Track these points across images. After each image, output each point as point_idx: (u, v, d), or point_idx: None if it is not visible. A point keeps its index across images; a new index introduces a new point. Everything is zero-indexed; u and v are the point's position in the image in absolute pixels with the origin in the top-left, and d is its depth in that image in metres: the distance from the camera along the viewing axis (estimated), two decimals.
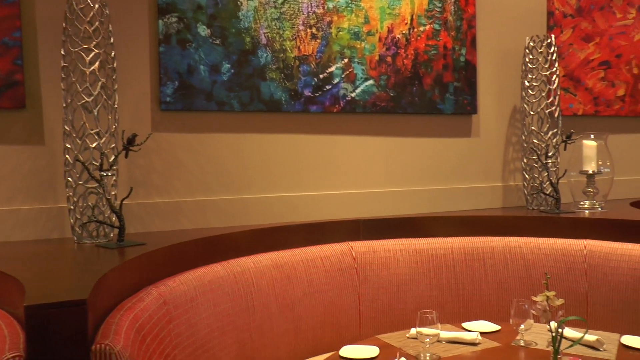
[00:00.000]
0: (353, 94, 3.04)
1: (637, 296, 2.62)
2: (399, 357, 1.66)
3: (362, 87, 3.06)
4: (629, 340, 2.17)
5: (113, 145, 2.42)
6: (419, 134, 3.29)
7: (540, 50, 3.35)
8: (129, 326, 1.62)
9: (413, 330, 2.17)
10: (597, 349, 2.09)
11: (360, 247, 2.84)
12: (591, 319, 2.73)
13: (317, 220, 2.92)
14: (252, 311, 2.41)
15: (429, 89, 3.23)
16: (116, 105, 2.43)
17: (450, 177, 3.40)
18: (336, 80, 3.00)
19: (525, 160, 3.40)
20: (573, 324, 2.31)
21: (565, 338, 2.03)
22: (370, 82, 3.08)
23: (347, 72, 3.02)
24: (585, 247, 2.81)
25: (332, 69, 2.98)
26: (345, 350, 2.07)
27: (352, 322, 2.77)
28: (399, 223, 2.98)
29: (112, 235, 2.45)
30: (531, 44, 3.37)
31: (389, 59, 3.12)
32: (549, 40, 3.35)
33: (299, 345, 2.60)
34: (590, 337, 2.11)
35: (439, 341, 2.13)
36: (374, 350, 2.06)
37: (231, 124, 2.86)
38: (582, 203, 3.30)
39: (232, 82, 2.78)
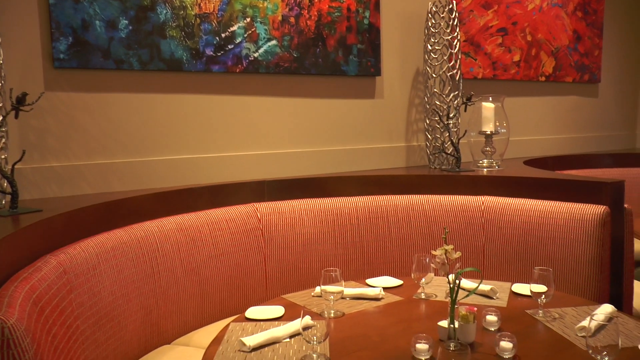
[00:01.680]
0: (256, 54, 2.99)
1: (527, 247, 2.79)
2: (303, 316, 1.67)
3: (264, 47, 3.01)
4: (519, 287, 2.31)
5: (0, 105, 2.25)
6: (323, 95, 3.29)
7: (442, 15, 3.41)
8: (25, 298, 1.54)
9: (318, 289, 2.21)
10: (491, 298, 2.21)
11: (265, 208, 2.84)
12: (487, 270, 2.89)
13: (222, 182, 2.87)
14: (157, 277, 2.36)
15: (332, 50, 3.23)
16: (1, 61, 2.26)
17: (354, 137, 3.43)
18: (238, 40, 2.93)
19: (427, 121, 3.49)
20: (470, 275, 2.43)
21: (463, 289, 2.13)
22: (273, 42, 3.03)
23: (250, 32, 2.95)
24: (482, 203, 2.94)
25: (234, 28, 2.91)
26: (251, 312, 2.07)
27: (258, 283, 2.78)
28: (303, 183, 2.99)
29: (3, 202, 2.30)
30: (434, 8, 3.42)
31: (292, 19, 3.07)
32: (450, 6, 3.41)
33: (205, 309, 2.58)
34: (485, 287, 2.22)
35: (343, 298, 2.17)
36: (279, 310, 2.07)
37: (131, 83, 2.74)
38: (480, 162, 3.44)
39: (130, 40, 2.65)
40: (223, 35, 2.88)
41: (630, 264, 2.73)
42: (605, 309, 2.00)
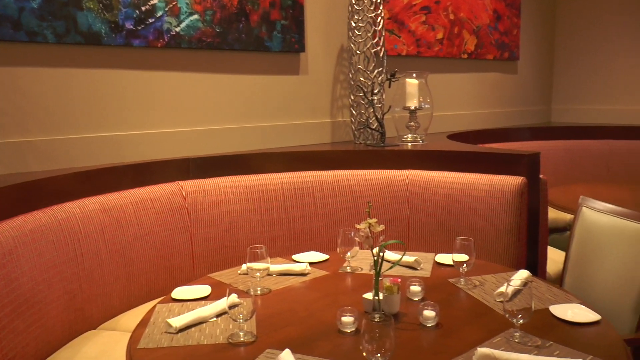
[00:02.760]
0: (178, 29, 2.90)
1: (449, 218, 2.88)
2: (229, 294, 1.66)
3: (186, 21, 2.93)
4: (442, 258, 2.37)
5: None
6: (248, 71, 3.24)
7: None
8: None
9: (244, 266, 2.19)
10: (415, 268, 2.27)
11: (190, 186, 2.79)
12: (412, 242, 2.96)
13: (146, 160, 2.79)
14: (80, 259, 2.28)
15: (256, 26, 3.18)
16: None
17: (279, 114, 3.41)
18: (159, 14, 2.83)
19: (352, 97, 3.51)
20: (395, 248, 2.48)
21: (387, 261, 2.17)
22: (195, 16, 2.95)
23: (171, 6, 2.86)
24: (407, 177, 3.00)
25: (155, 1, 2.80)
26: (177, 292, 2.03)
27: (185, 263, 2.74)
28: (229, 160, 2.96)
29: None
30: None
31: None
32: None
33: (132, 291, 2.52)
34: (409, 258, 2.27)
35: (269, 275, 2.16)
36: (205, 290, 2.04)
37: (46, 57, 2.60)
38: (405, 136, 3.49)
39: (43, 10, 2.51)
40: (143, 8, 2.78)
41: (544, 231, 2.87)
42: (521, 275, 2.09)
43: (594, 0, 5.37)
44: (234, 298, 1.68)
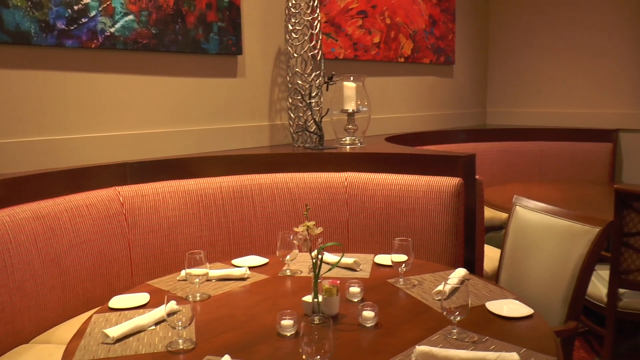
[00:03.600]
0: (112, 29, 2.83)
1: (388, 219, 2.92)
2: (167, 301, 1.63)
3: (121, 22, 2.86)
4: (381, 259, 2.40)
5: None
6: (185, 74, 3.20)
7: None
8: None
9: (183, 272, 2.16)
10: (355, 270, 2.28)
11: (128, 191, 2.72)
12: (352, 244, 2.98)
13: (81, 165, 2.71)
14: (10, 270, 2.18)
15: (192, 27, 3.14)
16: None
17: (217, 117, 3.37)
18: (93, 13, 2.75)
19: (290, 100, 3.50)
20: (334, 250, 2.49)
21: (327, 263, 2.17)
22: (131, 17, 2.89)
23: (105, 5, 2.79)
24: (346, 179, 3.02)
25: (87, 0, 2.73)
26: (114, 301, 1.98)
27: (123, 270, 2.67)
28: (167, 164, 2.90)
29: None
30: None
31: None
32: None
33: (67, 301, 2.43)
34: (349, 260, 2.29)
35: (208, 280, 2.14)
36: (144, 298, 2.00)
37: None
38: (343, 139, 3.52)
39: None
40: (75, 7, 2.69)
41: (481, 230, 2.94)
42: (459, 273, 2.14)
43: (525, 8, 5.55)
44: (172, 305, 1.64)
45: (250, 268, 2.30)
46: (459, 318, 1.65)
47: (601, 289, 2.93)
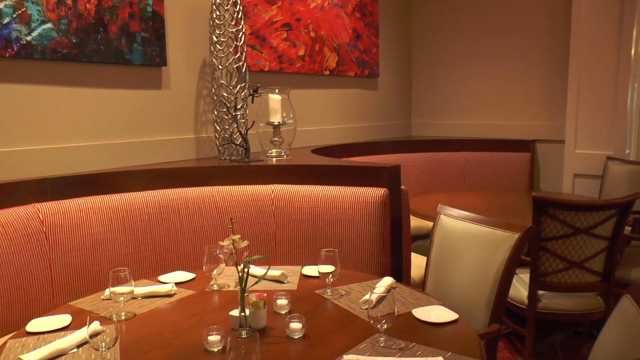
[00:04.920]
0: (29, 38, 2.72)
1: (316, 230, 2.93)
2: (90, 322, 1.57)
3: (39, 30, 2.75)
4: (308, 270, 2.41)
5: None
6: (108, 85, 3.11)
7: (226, 8, 3.40)
8: None
9: (107, 291, 2.09)
10: (282, 282, 2.28)
11: (48, 208, 2.61)
12: (279, 256, 2.97)
13: None
14: None
15: (115, 37, 3.06)
16: None
17: (142, 130, 3.30)
18: (6, 20, 2.63)
19: (216, 113, 3.47)
20: (261, 263, 2.48)
21: (253, 276, 2.16)
22: (49, 25, 2.79)
23: (20, 12, 2.67)
24: (272, 191, 3.01)
25: (0, 5, 2.61)
26: (33, 325, 1.88)
27: (43, 292, 2.55)
28: (90, 179, 2.81)
29: None
30: (218, 0, 3.40)
31: (69, 1, 2.84)
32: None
33: None
34: (276, 272, 2.28)
35: (134, 298, 2.09)
36: (65, 319, 1.92)
37: None
38: (269, 151, 3.51)
39: None
40: None
41: (407, 239, 3.00)
42: (385, 282, 2.17)
43: (446, 24, 5.74)
44: (95, 326, 1.59)
45: (177, 284, 2.26)
46: (385, 326, 1.67)
47: (522, 291, 3.05)
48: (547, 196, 2.89)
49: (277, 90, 3.48)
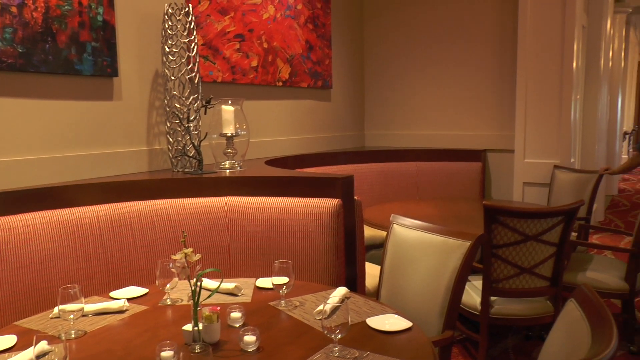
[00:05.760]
0: None
1: (270, 242, 2.93)
2: (37, 342, 1.53)
3: None
4: (262, 282, 2.40)
5: None
6: (57, 96, 3.04)
7: (179, 18, 3.38)
8: None
9: (56, 309, 2.04)
10: (236, 295, 2.27)
11: None
12: (233, 268, 2.95)
13: None
14: None
15: (64, 47, 2.99)
16: None
17: (92, 142, 3.23)
18: None
19: (168, 124, 3.44)
20: (215, 276, 2.46)
21: (207, 289, 2.14)
22: None
23: None
24: (226, 203, 3.00)
25: None
26: None
27: None
28: (38, 194, 2.73)
29: None
30: (170, 10, 3.37)
31: (13, 9, 2.77)
32: (186, 9, 3.40)
33: None
34: (229, 285, 2.27)
35: (84, 315, 2.04)
36: (10, 340, 1.85)
37: None
38: (223, 163, 3.49)
39: None
40: None
41: (361, 248, 3.02)
42: (339, 292, 2.18)
43: (399, 37, 5.83)
44: (43, 345, 1.54)
45: (129, 299, 2.22)
46: (340, 336, 1.68)
47: (475, 298, 3.10)
48: (497, 204, 2.96)
49: (230, 102, 3.46)
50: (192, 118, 3.38)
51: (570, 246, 3.82)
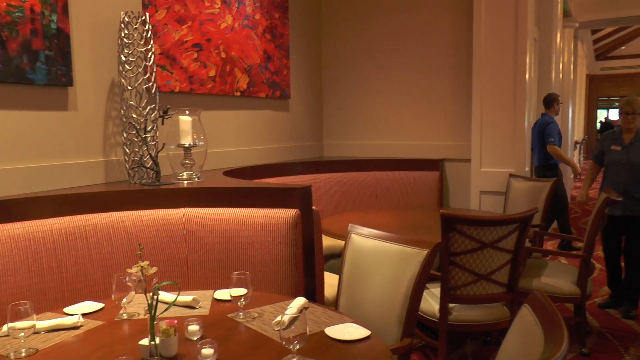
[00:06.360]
0: None
1: (228, 254, 2.91)
2: None
3: None
4: (220, 294, 2.39)
5: None
6: (8, 106, 2.94)
7: (135, 27, 3.34)
8: None
9: (5, 327, 1.98)
10: (194, 307, 2.24)
11: None
12: (192, 280, 2.92)
13: None
14: None
15: (15, 55, 2.91)
16: None
17: (46, 153, 3.15)
18: None
19: (125, 135, 3.39)
20: (173, 289, 2.43)
21: (164, 303, 2.11)
22: None
23: None
24: (184, 215, 2.97)
25: None
26: None
27: None
28: None
29: None
30: (126, 19, 3.34)
31: None
32: (143, 18, 3.36)
33: None
34: (187, 298, 2.25)
35: (36, 333, 1.98)
36: None
37: None
38: (181, 174, 3.44)
39: None
40: None
41: (320, 258, 3.03)
42: (298, 302, 2.18)
43: (356, 46, 5.89)
44: None
45: (84, 315, 2.17)
46: (298, 346, 1.68)
47: (434, 305, 3.14)
48: (454, 213, 3.00)
49: (187, 112, 3.43)
50: (149, 128, 3.34)
51: (526, 253, 3.90)
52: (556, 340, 1.25)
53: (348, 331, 1.93)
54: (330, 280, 3.29)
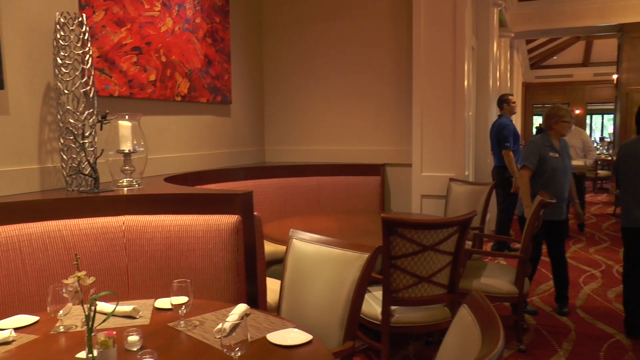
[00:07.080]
0: None
1: (169, 261, 2.87)
2: None
3: None
4: (161, 302, 2.35)
5: None
6: None
7: (72, 28, 3.25)
8: None
9: None
10: (134, 317, 2.20)
11: None
12: (132, 290, 2.86)
13: None
14: None
15: None
16: None
17: None
18: None
19: (62, 141, 3.28)
20: (112, 299, 2.37)
21: (102, 313, 2.07)
22: None
23: None
24: (123, 223, 2.91)
25: None
26: None
27: None
28: None
29: None
30: (62, 20, 3.23)
31: None
32: (80, 19, 3.27)
33: None
34: (127, 308, 2.20)
35: None
36: None
37: None
38: (120, 181, 3.37)
39: None
40: None
41: (262, 264, 3.03)
42: (239, 309, 2.18)
43: (296, 51, 5.91)
44: None
45: (16, 329, 2.08)
46: (239, 353, 1.68)
47: (376, 308, 3.18)
48: (395, 217, 3.05)
49: (127, 117, 3.36)
50: (87, 134, 3.26)
51: (466, 254, 4.00)
52: (493, 338, 1.29)
53: (290, 336, 1.94)
54: (272, 286, 3.29)
